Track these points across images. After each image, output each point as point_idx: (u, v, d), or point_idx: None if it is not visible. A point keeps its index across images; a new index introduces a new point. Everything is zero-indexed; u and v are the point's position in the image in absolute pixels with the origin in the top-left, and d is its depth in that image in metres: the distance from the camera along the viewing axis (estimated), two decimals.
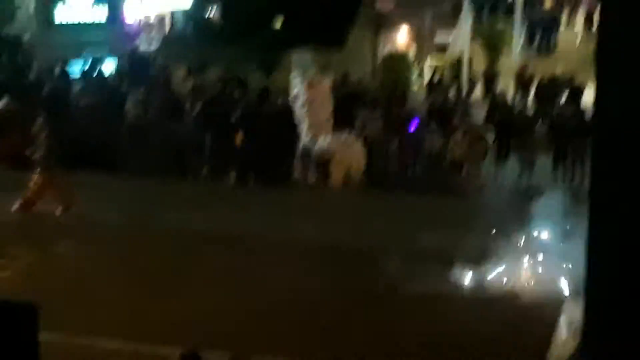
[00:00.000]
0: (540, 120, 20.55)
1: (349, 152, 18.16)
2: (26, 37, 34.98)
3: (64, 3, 25.90)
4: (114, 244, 13.70)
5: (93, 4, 25.97)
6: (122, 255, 13.15)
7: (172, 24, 31.93)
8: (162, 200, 16.45)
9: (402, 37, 30.41)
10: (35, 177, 15.15)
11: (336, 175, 17.97)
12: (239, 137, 18.05)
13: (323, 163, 18.11)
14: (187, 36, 30.76)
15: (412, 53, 29.90)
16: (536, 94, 26.32)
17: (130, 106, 19.02)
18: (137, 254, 13.25)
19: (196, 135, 18.53)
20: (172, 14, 31.85)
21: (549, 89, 25.84)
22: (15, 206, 15.12)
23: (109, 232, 14.35)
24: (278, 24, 28.58)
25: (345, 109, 19.15)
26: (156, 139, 18.55)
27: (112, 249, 13.50)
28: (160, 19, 31.27)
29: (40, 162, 15.20)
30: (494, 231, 13.10)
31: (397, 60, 28.14)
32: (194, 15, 32.05)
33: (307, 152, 18.25)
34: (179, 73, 22.25)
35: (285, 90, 19.38)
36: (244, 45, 26.08)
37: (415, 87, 26.88)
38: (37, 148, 15.31)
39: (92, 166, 18.05)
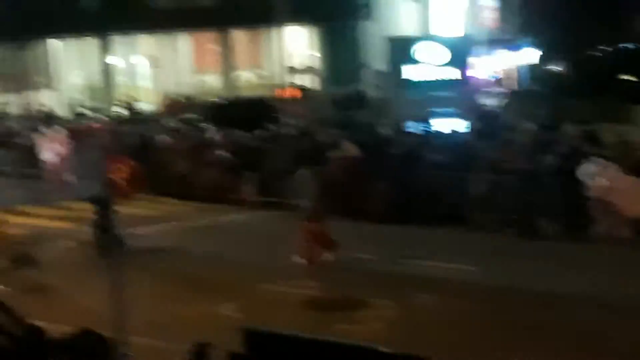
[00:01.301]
0: None
1: None
2: (373, 93, 36.59)
3: (414, 62, 26.62)
4: (471, 299, 13.64)
5: (443, 63, 26.47)
6: (478, 312, 13.04)
7: (519, 79, 31.87)
8: (516, 257, 16.22)
9: None
10: (305, 227, 15.89)
11: None
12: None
13: None
14: (535, 91, 30.49)
15: None
16: None
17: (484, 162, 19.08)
18: (493, 311, 13.08)
19: (547, 192, 18.15)
20: (519, 69, 31.82)
21: None
22: (300, 259, 15.76)
23: (464, 286, 14.34)
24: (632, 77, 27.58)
25: None
26: (507, 196, 18.43)
27: (469, 304, 13.44)
28: (508, 75, 31.35)
29: (312, 212, 15.98)
30: None
31: None
32: (542, 69, 31.76)
33: None
34: (529, 128, 21.98)
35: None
36: (597, 98, 25.38)
37: None
38: (306, 198, 16.19)
39: (442, 221, 18.36)
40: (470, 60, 27.70)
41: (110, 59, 38.72)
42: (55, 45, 36.53)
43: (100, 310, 12.37)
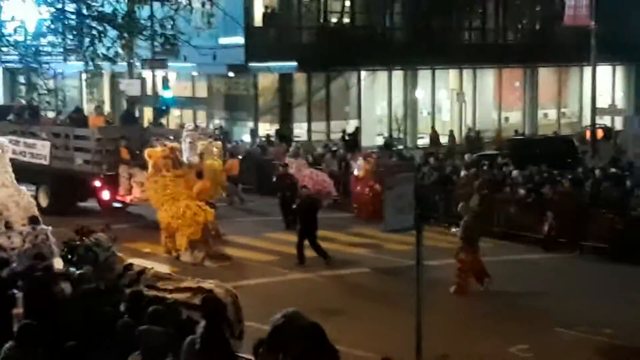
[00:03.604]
0: None
1: None
2: None
3: None
4: None
5: None
6: None
7: None
8: None
9: None
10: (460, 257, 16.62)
11: None
12: None
13: None
14: None
15: None
16: None
17: None
18: None
19: None
20: None
21: None
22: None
23: None
24: None
25: None
26: None
27: None
28: None
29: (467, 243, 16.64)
30: None
31: None
32: None
33: None
34: None
35: None
36: None
37: None
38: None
39: None
40: None
41: (415, 92, 39.34)
42: (364, 77, 37.62)
43: (392, 337, 12.67)
